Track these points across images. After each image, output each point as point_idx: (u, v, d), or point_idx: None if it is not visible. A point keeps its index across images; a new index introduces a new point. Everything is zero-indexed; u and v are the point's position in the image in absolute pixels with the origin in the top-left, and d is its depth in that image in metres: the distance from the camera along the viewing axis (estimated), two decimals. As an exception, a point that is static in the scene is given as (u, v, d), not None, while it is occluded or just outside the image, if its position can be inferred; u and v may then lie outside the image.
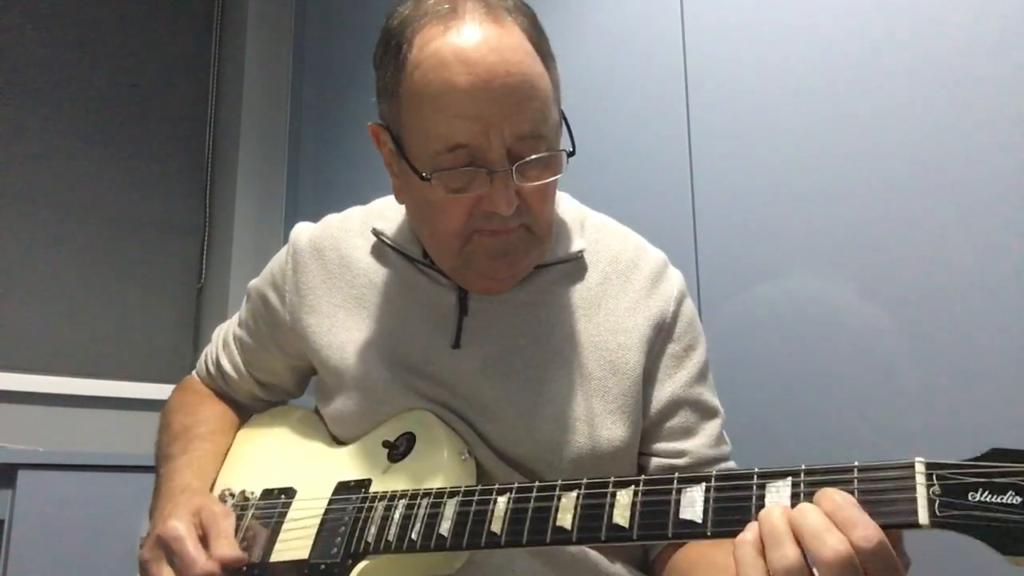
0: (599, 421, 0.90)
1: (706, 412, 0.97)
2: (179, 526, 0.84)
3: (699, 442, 0.94)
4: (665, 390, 0.95)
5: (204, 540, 0.84)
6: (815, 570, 0.56)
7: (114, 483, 1.91)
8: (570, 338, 0.93)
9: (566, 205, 1.02)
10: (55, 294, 2.47)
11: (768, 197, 1.44)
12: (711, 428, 0.96)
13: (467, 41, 0.81)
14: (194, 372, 1.21)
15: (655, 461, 0.93)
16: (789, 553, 0.57)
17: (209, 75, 2.89)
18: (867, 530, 0.55)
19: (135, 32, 2.73)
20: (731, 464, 0.97)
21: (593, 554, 0.90)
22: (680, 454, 0.94)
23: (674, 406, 0.94)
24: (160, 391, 2.48)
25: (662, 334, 0.96)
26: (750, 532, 0.60)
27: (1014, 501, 0.52)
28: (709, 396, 0.98)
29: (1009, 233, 1.17)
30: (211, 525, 0.85)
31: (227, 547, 0.83)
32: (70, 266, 2.51)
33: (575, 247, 0.97)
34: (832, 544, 0.55)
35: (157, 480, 1.01)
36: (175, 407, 1.13)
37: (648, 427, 0.95)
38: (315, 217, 1.08)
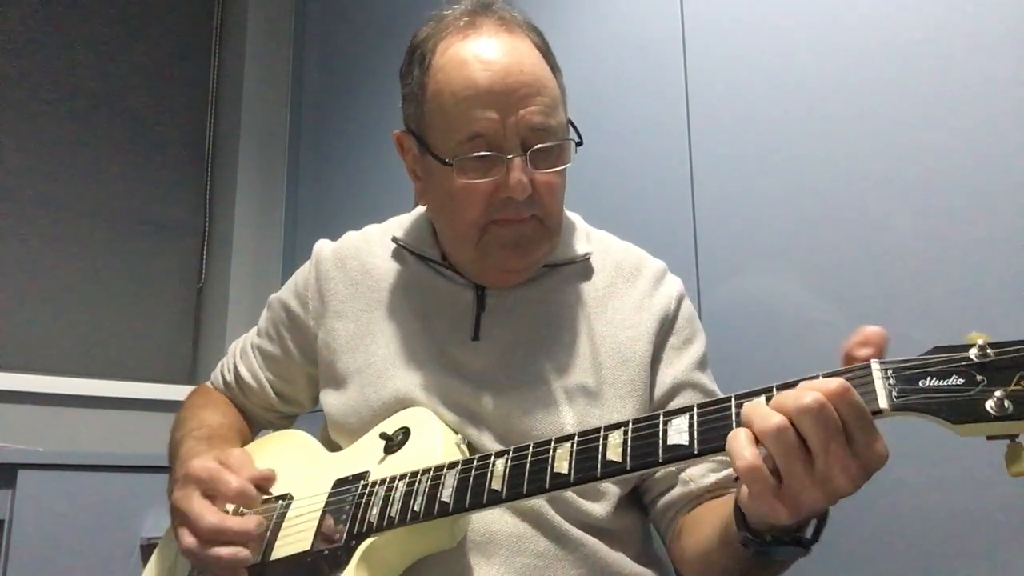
0: (610, 406, 0.97)
1: (707, 394, 1.03)
2: (206, 461, 0.91)
3: None
4: (668, 375, 1.02)
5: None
6: (799, 426, 0.63)
7: (114, 483, 1.91)
8: (582, 331, 1.01)
9: (573, 218, 1.11)
10: (55, 294, 2.47)
11: (768, 197, 1.44)
12: None
13: (484, 45, 0.93)
14: (208, 383, 1.24)
15: None
16: (775, 418, 0.63)
17: (209, 75, 2.89)
18: (832, 382, 0.63)
19: (135, 32, 2.73)
20: None
21: (596, 541, 0.93)
22: None
23: (677, 388, 1.01)
24: (160, 391, 2.49)
25: (665, 327, 1.03)
26: (740, 430, 0.66)
27: (958, 382, 0.62)
28: (709, 381, 1.05)
29: None
30: (231, 461, 0.92)
31: (251, 469, 0.92)
32: (70, 266, 2.51)
33: (582, 250, 1.06)
34: (809, 395, 0.62)
35: (174, 459, 1.04)
36: (195, 402, 1.18)
37: (654, 410, 0.98)
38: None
